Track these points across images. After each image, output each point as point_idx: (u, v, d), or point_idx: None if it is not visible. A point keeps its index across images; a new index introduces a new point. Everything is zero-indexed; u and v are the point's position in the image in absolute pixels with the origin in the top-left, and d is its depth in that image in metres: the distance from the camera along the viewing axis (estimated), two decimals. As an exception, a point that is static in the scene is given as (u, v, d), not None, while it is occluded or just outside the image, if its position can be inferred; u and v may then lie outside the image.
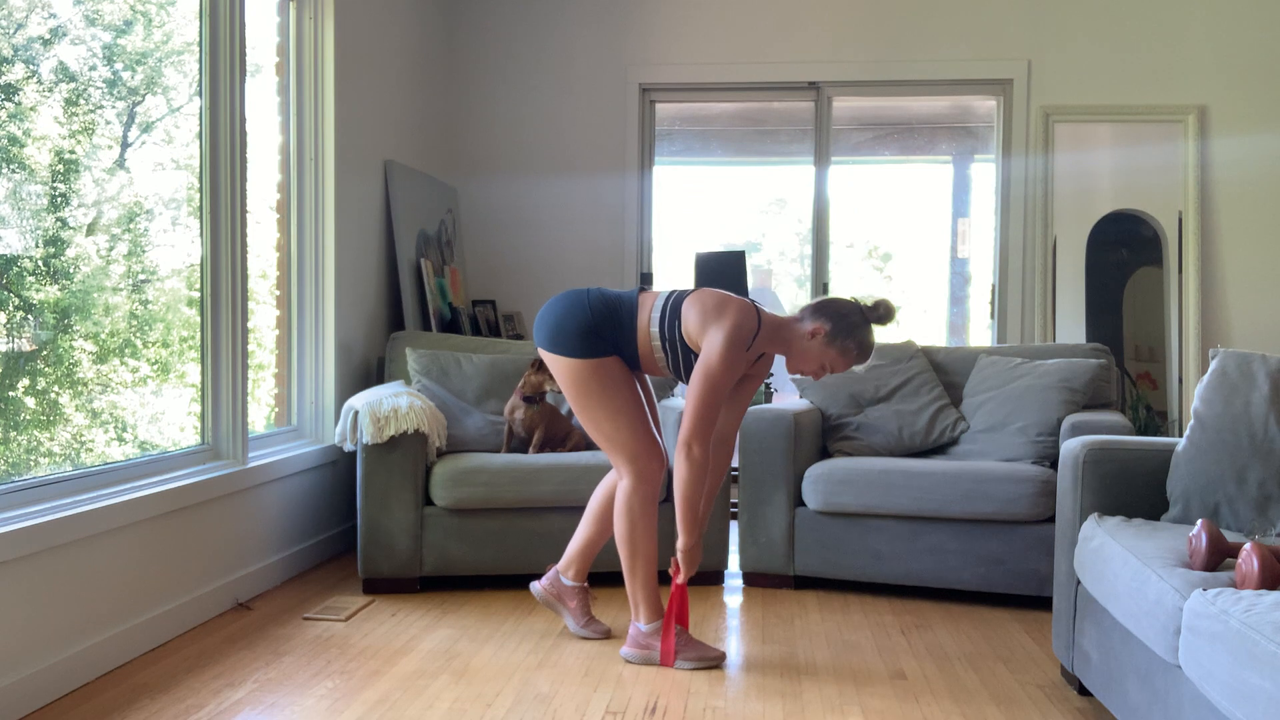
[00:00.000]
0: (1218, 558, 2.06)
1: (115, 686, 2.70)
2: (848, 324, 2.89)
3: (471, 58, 5.53)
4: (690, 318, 2.87)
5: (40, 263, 2.93)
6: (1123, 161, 5.19)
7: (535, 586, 3.22)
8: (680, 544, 2.91)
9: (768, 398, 4.83)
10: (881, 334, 3.05)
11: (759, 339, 2.89)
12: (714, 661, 2.91)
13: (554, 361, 2.94)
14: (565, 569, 3.19)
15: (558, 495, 3.61)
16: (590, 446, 3.98)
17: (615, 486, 3.09)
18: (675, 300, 2.92)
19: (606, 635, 3.16)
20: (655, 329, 2.91)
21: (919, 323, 6.13)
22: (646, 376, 3.13)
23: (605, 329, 2.91)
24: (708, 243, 5.91)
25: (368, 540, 3.57)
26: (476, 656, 2.98)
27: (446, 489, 3.56)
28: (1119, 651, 2.32)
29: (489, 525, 3.62)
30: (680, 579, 2.94)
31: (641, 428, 2.93)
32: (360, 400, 3.63)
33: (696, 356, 2.89)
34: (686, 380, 2.94)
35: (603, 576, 3.84)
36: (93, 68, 3.15)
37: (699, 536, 2.92)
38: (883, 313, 2.92)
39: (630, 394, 2.93)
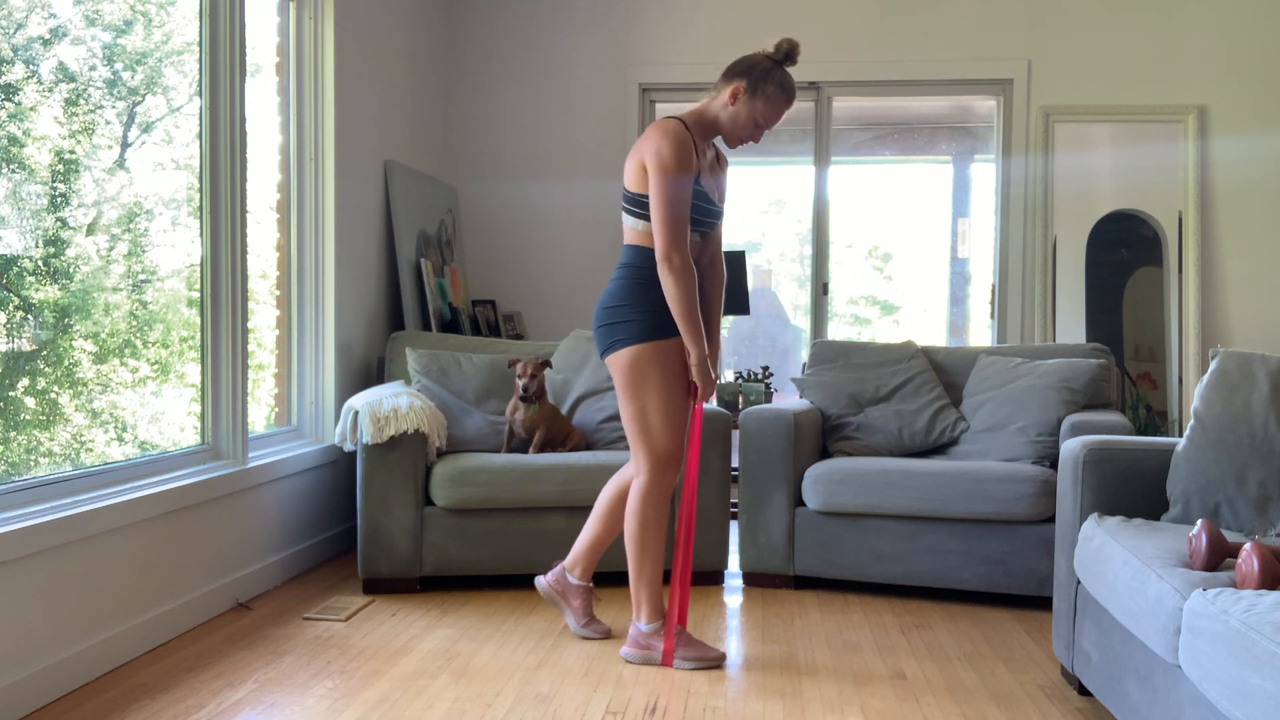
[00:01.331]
0: (1218, 558, 2.06)
1: (115, 686, 2.70)
2: (760, 71, 2.89)
3: (471, 58, 5.53)
4: (630, 172, 2.89)
5: (40, 263, 2.93)
6: (1123, 161, 5.19)
7: (540, 581, 3.21)
8: (691, 359, 2.87)
9: (768, 398, 4.83)
10: (881, 334, 3.05)
11: (693, 134, 2.89)
12: (714, 662, 2.91)
13: (618, 359, 2.90)
14: (572, 567, 3.18)
15: (558, 495, 3.61)
16: (590, 447, 3.98)
17: (625, 484, 3.09)
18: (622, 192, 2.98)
19: (606, 635, 3.16)
20: (630, 221, 2.92)
21: (919, 323, 6.14)
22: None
23: (639, 296, 2.89)
24: (708, 243, 5.90)
25: (368, 540, 3.57)
26: (476, 656, 2.98)
27: (446, 489, 3.56)
28: (1119, 651, 2.32)
29: (489, 525, 3.62)
30: (698, 400, 2.92)
31: (679, 431, 2.92)
32: (360, 400, 3.63)
33: None
34: None
35: (603, 576, 3.84)
36: (93, 68, 3.15)
37: (707, 349, 2.89)
38: (787, 49, 2.92)
39: (684, 393, 2.92)
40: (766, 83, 2.89)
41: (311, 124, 4.10)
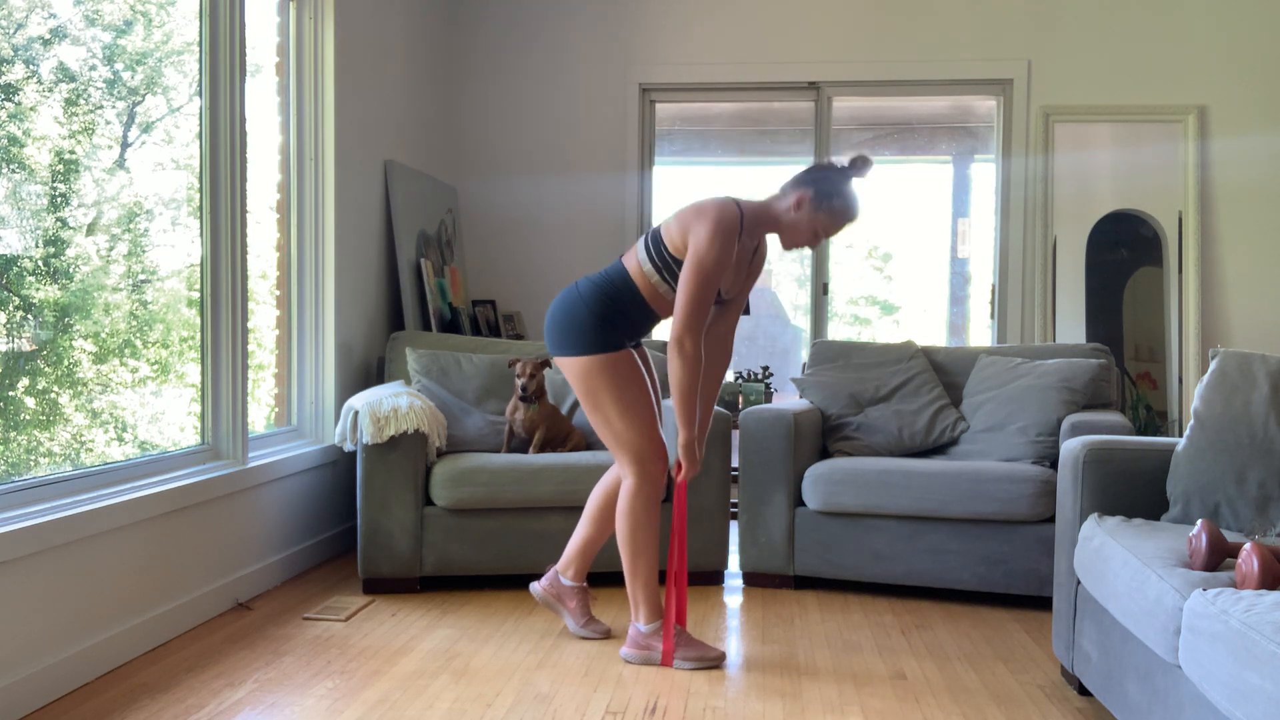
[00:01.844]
0: (1218, 558, 2.06)
1: (115, 686, 2.70)
2: (829, 184, 2.89)
3: (471, 58, 5.53)
4: (672, 230, 2.90)
5: (40, 263, 2.93)
6: (1123, 161, 5.19)
7: (534, 587, 3.22)
8: (680, 439, 2.90)
9: (768, 398, 4.83)
10: (881, 334, 3.06)
11: (745, 225, 2.90)
12: (714, 661, 2.91)
13: (568, 365, 2.94)
14: (564, 569, 3.19)
15: (558, 495, 3.61)
16: (590, 447, 3.98)
17: (615, 486, 3.10)
18: (654, 230, 2.96)
19: (606, 635, 3.16)
20: (647, 264, 2.92)
21: (919, 323, 6.13)
22: (656, 375, 3.14)
23: (607, 311, 2.91)
24: (708, 243, 5.90)
25: (368, 540, 3.57)
26: (476, 656, 2.98)
27: (446, 489, 3.56)
28: (1119, 651, 2.32)
29: (489, 525, 3.62)
30: (681, 477, 2.94)
31: (650, 428, 2.93)
32: (360, 400, 3.63)
33: None
34: None
35: (603, 577, 3.84)
36: (93, 68, 3.15)
37: (697, 433, 2.92)
38: (860, 164, 2.92)
39: (642, 393, 2.94)
40: (834, 196, 2.88)
41: (311, 124, 4.10)
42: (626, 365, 2.92)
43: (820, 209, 2.89)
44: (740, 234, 2.87)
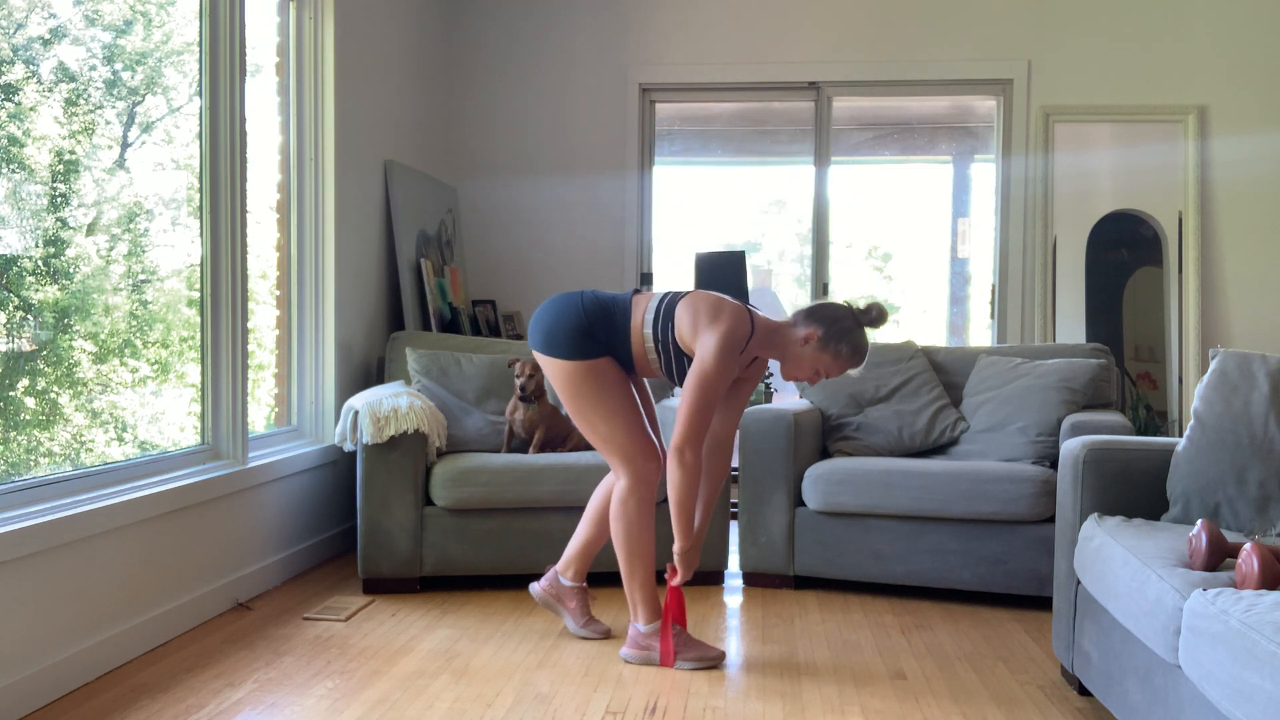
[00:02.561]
0: (1218, 558, 2.06)
1: (115, 686, 2.70)
2: (840, 328, 2.89)
3: (471, 58, 5.53)
4: (684, 321, 2.87)
5: (40, 263, 2.93)
6: (1123, 161, 5.19)
7: (534, 588, 3.22)
8: (676, 547, 2.91)
9: (768, 398, 4.83)
10: (881, 334, 3.06)
11: (752, 343, 2.89)
12: (714, 661, 2.91)
13: (547, 364, 2.94)
14: (564, 569, 3.19)
15: (558, 495, 3.61)
16: (590, 447, 3.98)
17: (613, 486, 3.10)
18: (669, 302, 2.92)
19: (606, 635, 3.16)
20: (649, 330, 2.91)
21: (919, 323, 6.13)
22: (644, 379, 3.14)
23: (598, 330, 2.91)
24: (708, 243, 5.91)
25: (368, 540, 3.57)
26: (476, 656, 2.98)
27: (446, 489, 3.56)
28: (1119, 651, 2.32)
29: (489, 525, 3.62)
30: (676, 581, 2.94)
31: (636, 428, 2.93)
32: (360, 400, 3.63)
33: (689, 360, 2.89)
34: (679, 383, 2.95)
35: (603, 577, 3.84)
36: (93, 68, 3.15)
37: (695, 540, 2.92)
38: (875, 315, 2.93)
39: (624, 395, 2.93)
40: (842, 342, 2.89)
41: (311, 124, 4.10)
42: (607, 369, 2.91)
43: (827, 350, 2.89)
44: (742, 351, 2.86)
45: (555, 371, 2.93)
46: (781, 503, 3.72)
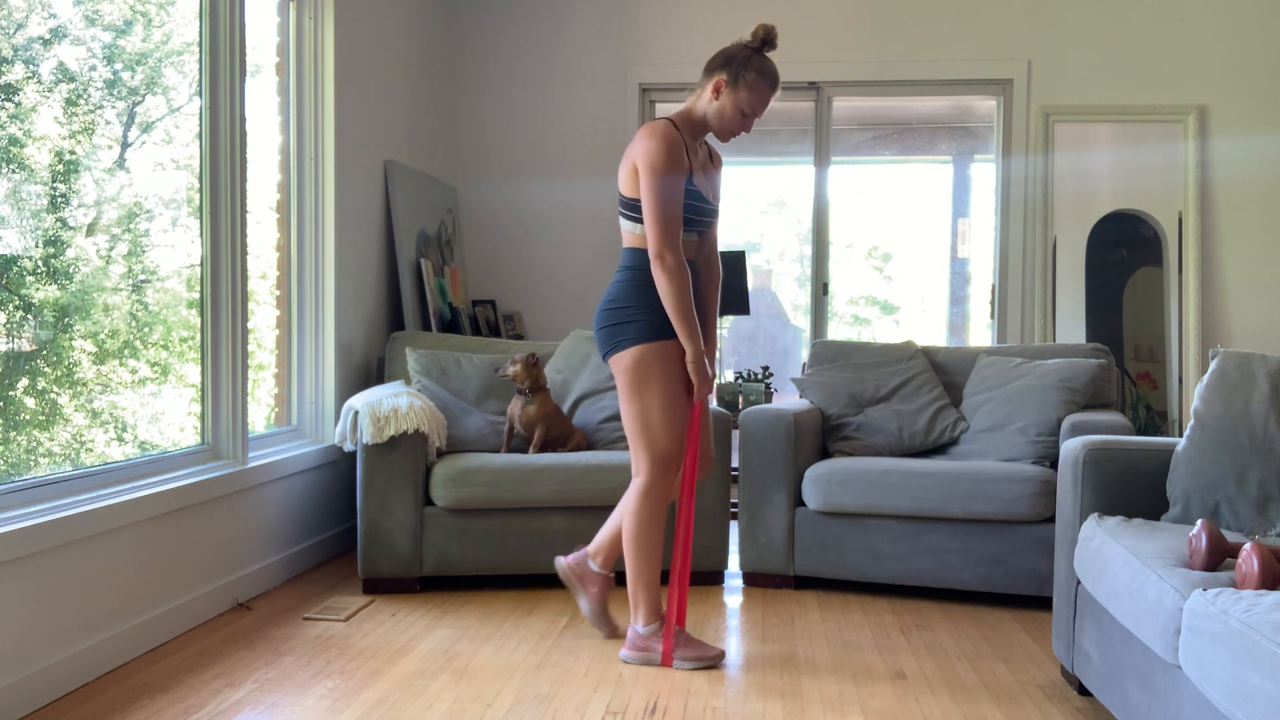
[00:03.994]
0: (1218, 558, 2.06)
1: (115, 686, 2.70)
2: (739, 60, 2.88)
3: (471, 58, 5.53)
4: (622, 180, 2.93)
5: (40, 263, 2.93)
6: (1123, 161, 5.19)
7: (560, 561, 3.21)
8: (688, 355, 2.88)
9: (768, 398, 4.83)
10: (881, 334, 3.05)
11: (685, 134, 2.92)
12: (713, 661, 2.91)
13: (620, 359, 2.92)
14: (595, 554, 3.17)
15: (558, 495, 3.61)
16: (591, 447, 3.98)
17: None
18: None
19: (612, 635, 3.16)
20: (628, 227, 2.94)
21: (919, 323, 6.13)
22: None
23: (650, 297, 2.89)
24: (708, 243, 5.90)
25: (368, 540, 3.57)
26: (476, 656, 2.98)
27: (446, 489, 3.56)
28: (1119, 651, 2.32)
29: (489, 525, 3.62)
30: (696, 397, 2.91)
31: (680, 431, 2.92)
32: (360, 400, 3.63)
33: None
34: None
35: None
36: (93, 68, 3.15)
37: (702, 345, 2.89)
38: (764, 35, 2.92)
39: (685, 393, 2.93)
40: (746, 70, 2.87)
41: (311, 124, 4.10)
42: (678, 357, 2.91)
43: (738, 87, 2.88)
44: (684, 141, 2.89)
45: (629, 360, 2.95)
46: (781, 503, 3.72)
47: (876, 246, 6.21)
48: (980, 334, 5.64)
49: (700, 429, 3.04)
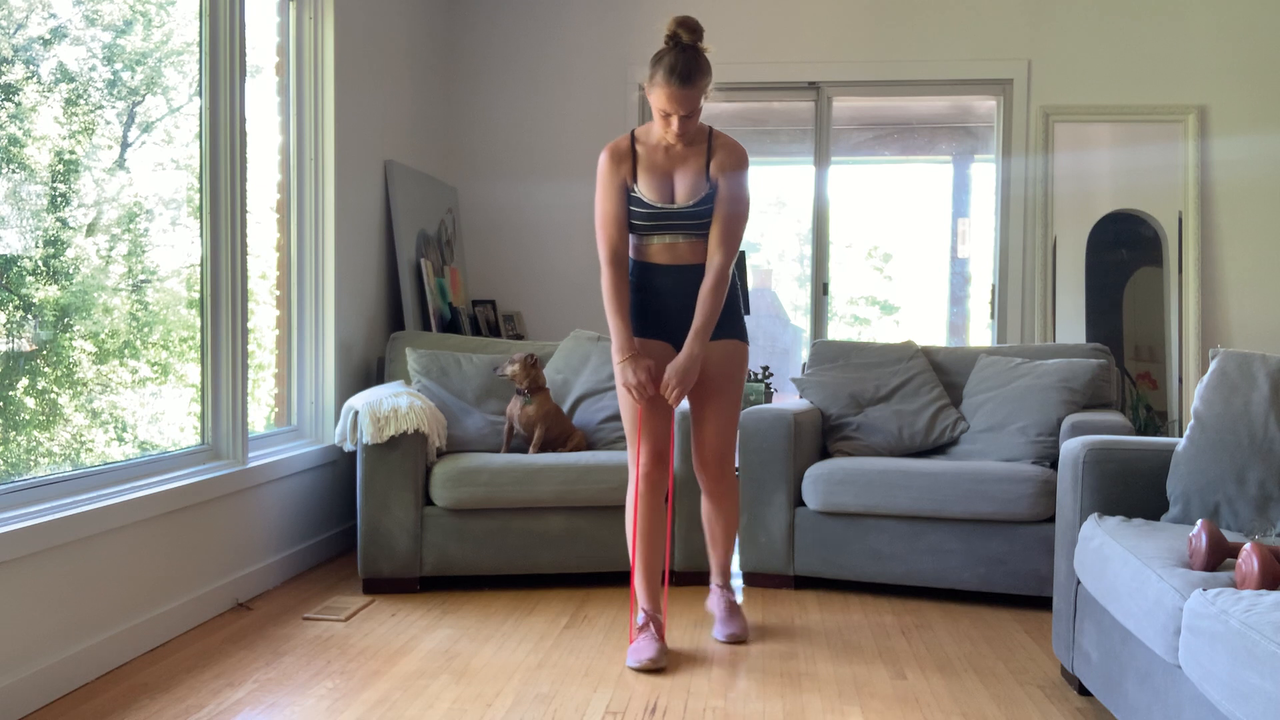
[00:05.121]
0: (1218, 558, 2.06)
1: (115, 686, 2.70)
2: (652, 60, 2.83)
3: (471, 58, 5.53)
4: None
5: (40, 263, 2.93)
6: (1123, 161, 5.19)
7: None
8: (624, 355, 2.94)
9: (768, 398, 4.83)
10: (881, 334, 3.07)
11: (641, 141, 2.96)
12: (645, 665, 2.86)
13: (739, 351, 3.11)
14: (714, 576, 3.31)
15: (558, 495, 3.61)
16: (591, 447, 3.99)
17: (713, 495, 3.16)
18: None
19: (742, 638, 3.14)
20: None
21: (919, 323, 6.14)
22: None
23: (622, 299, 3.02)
24: (708, 243, 5.90)
25: (368, 540, 3.57)
26: (476, 656, 2.98)
27: (446, 489, 3.56)
28: (1119, 651, 2.32)
29: (489, 525, 3.62)
30: (671, 401, 2.95)
31: (632, 429, 3.06)
32: (360, 400, 3.63)
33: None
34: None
35: (598, 577, 3.84)
36: (93, 68, 3.15)
37: (625, 345, 2.91)
38: (673, 26, 2.82)
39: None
40: (652, 71, 2.80)
41: (311, 124, 4.10)
42: (651, 355, 3.07)
43: (652, 89, 2.83)
44: (631, 151, 2.95)
45: (742, 356, 3.13)
46: (781, 503, 3.72)
47: (876, 246, 6.22)
48: (980, 334, 5.64)
49: (649, 429, 2.99)
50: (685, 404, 3.64)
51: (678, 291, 3.00)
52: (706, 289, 2.95)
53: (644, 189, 2.93)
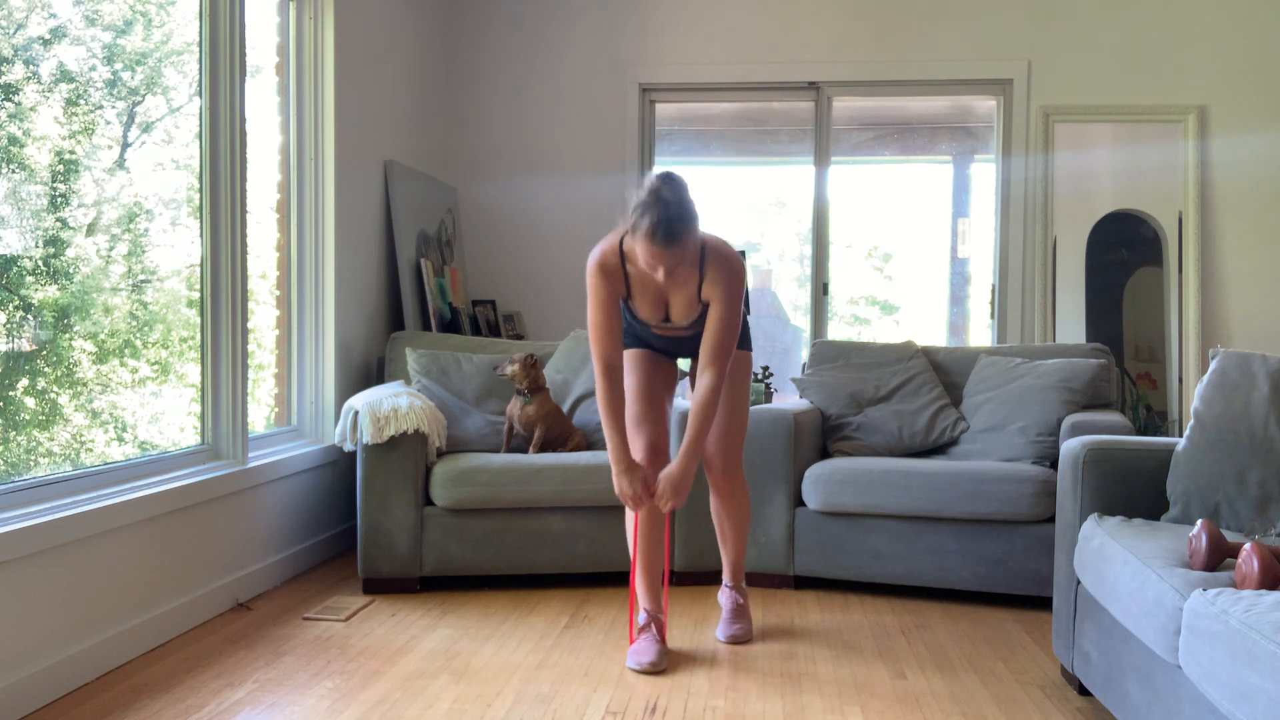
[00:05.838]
0: (1218, 558, 2.06)
1: (115, 686, 2.70)
2: (634, 209, 2.65)
3: (471, 58, 5.53)
4: None
5: (40, 263, 2.93)
6: (1123, 161, 5.19)
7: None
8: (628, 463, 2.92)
9: (768, 398, 4.83)
10: (881, 334, 3.07)
11: (628, 259, 2.83)
12: (645, 668, 2.86)
13: (745, 358, 3.14)
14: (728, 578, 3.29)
15: (558, 495, 3.61)
16: (591, 447, 3.98)
17: (719, 494, 3.16)
18: None
19: (743, 639, 3.14)
20: None
21: (919, 323, 6.13)
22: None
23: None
24: (708, 243, 5.89)
25: (368, 540, 3.57)
26: (476, 656, 2.98)
27: (446, 489, 3.56)
28: (1119, 651, 2.32)
29: (489, 525, 3.62)
30: (663, 508, 2.92)
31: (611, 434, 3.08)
32: (360, 400, 3.63)
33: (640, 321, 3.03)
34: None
35: (597, 577, 3.84)
36: (93, 68, 3.15)
37: (622, 455, 2.87)
38: (652, 185, 2.65)
39: (636, 402, 3.10)
40: (638, 222, 2.65)
41: (311, 124, 4.10)
42: (631, 363, 3.12)
43: (636, 238, 2.66)
44: (621, 267, 2.84)
45: (747, 364, 3.17)
46: (781, 503, 3.72)
47: (876, 246, 6.21)
48: (980, 334, 5.63)
49: (648, 426, 3.03)
50: (686, 404, 3.65)
51: (668, 350, 3.14)
52: (698, 405, 2.86)
53: (639, 308, 2.95)
